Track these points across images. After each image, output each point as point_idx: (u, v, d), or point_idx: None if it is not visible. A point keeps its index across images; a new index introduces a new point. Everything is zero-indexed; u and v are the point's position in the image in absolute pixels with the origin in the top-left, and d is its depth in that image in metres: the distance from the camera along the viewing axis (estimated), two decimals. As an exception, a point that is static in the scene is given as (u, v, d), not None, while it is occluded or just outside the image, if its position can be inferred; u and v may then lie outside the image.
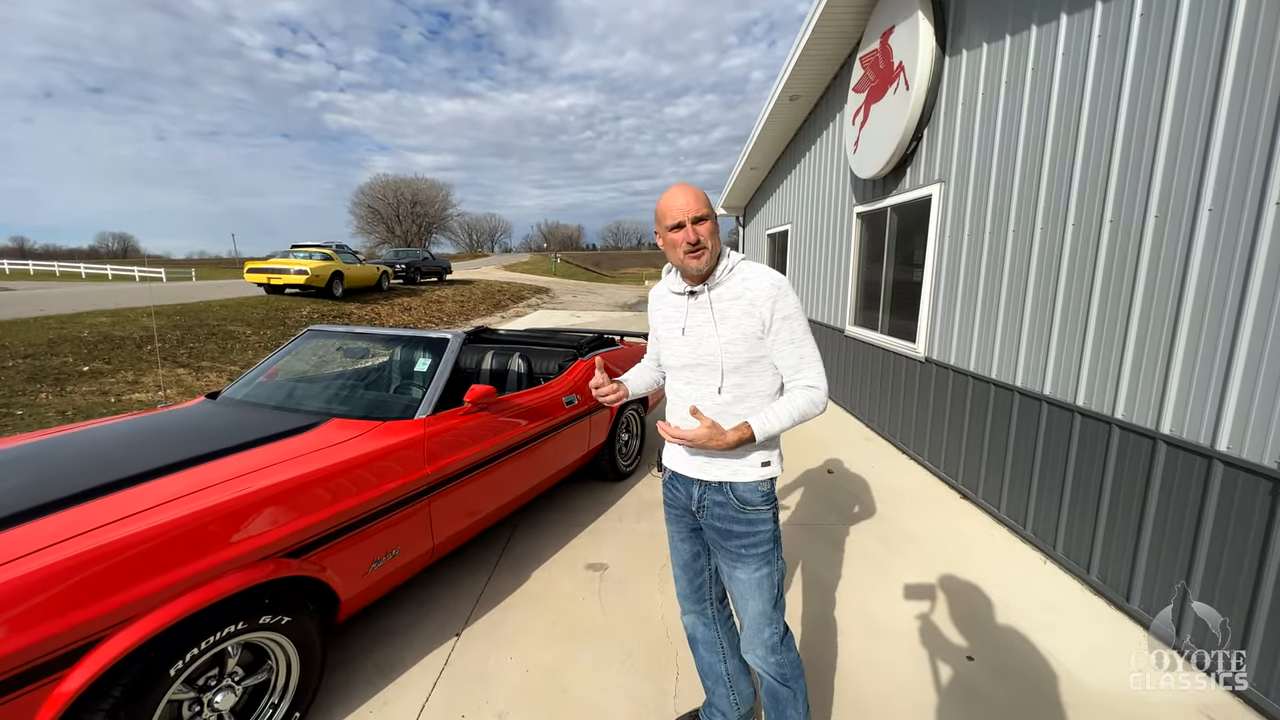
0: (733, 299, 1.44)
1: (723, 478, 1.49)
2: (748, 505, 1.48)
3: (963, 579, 2.74)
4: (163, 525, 1.50)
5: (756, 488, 1.48)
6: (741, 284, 1.44)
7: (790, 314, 1.42)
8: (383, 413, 2.45)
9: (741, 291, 1.44)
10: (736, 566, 1.50)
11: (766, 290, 1.41)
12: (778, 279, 1.44)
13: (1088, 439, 2.66)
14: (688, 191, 1.42)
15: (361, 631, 2.34)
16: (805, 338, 1.44)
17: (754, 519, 1.49)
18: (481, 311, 16.82)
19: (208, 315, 10.37)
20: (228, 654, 1.64)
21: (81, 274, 32.30)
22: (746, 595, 1.51)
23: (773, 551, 1.50)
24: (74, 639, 1.29)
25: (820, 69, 6.01)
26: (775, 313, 1.41)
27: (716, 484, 1.50)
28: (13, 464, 1.93)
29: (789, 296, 1.42)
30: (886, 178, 4.75)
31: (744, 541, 1.49)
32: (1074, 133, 2.72)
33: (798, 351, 1.43)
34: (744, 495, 1.48)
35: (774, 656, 1.52)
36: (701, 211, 1.40)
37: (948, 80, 3.86)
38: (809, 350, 1.44)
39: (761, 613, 1.51)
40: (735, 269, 1.47)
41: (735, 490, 1.48)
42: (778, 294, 1.41)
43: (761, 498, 1.49)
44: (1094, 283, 2.60)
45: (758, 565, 1.49)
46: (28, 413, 5.12)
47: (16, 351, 6.79)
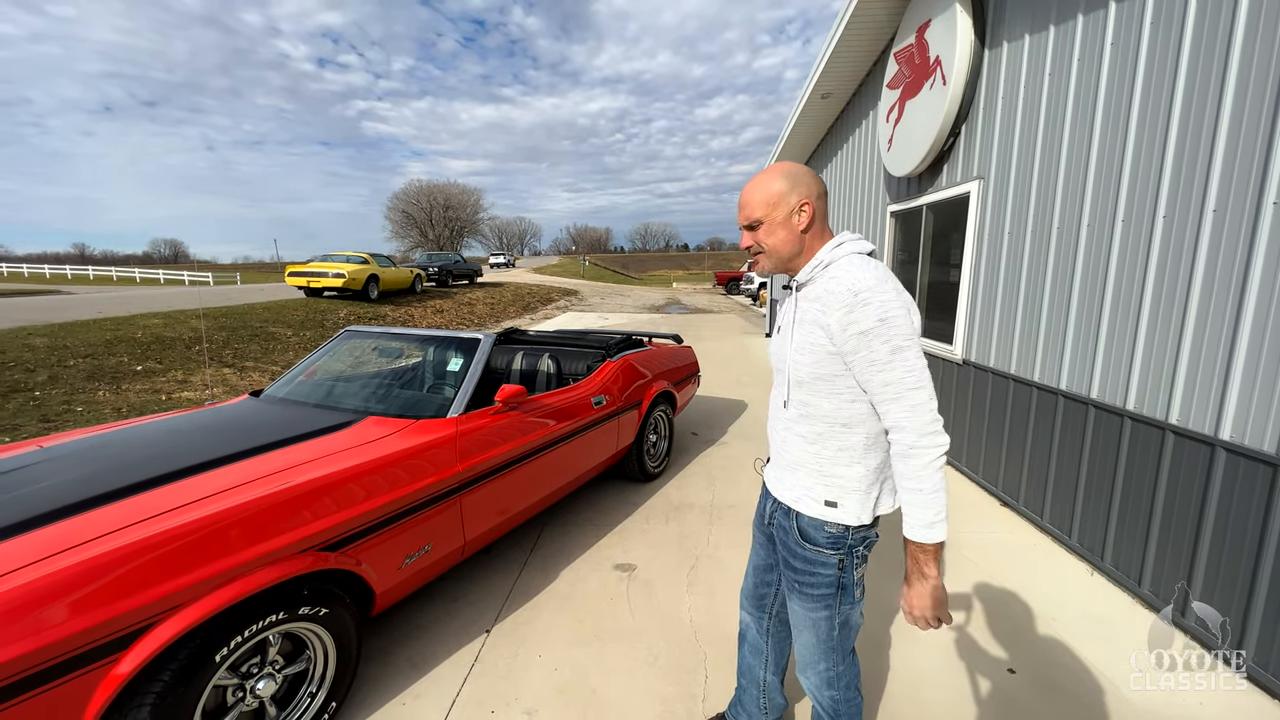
0: (812, 301, 1.24)
1: (788, 500, 1.34)
2: (809, 543, 1.30)
3: (1003, 589, 2.64)
4: (209, 517, 1.56)
5: (822, 526, 1.28)
6: (825, 284, 1.22)
7: (870, 328, 1.13)
8: (416, 411, 2.50)
9: (821, 293, 1.22)
10: (793, 595, 1.37)
11: (840, 295, 1.16)
12: (860, 281, 1.15)
13: (1139, 444, 2.53)
14: (749, 189, 1.26)
15: (395, 625, 2.39)
16: (894, 359, 1.13)
17: (813, 559, 1.30)
18: (511, 313, 17.05)
19: (251, 317, 10.78)
20: (269, 643, 1.69)
21: (136, 278, 34.07)
22: (799, 626, 1.39)
23: (835, 598, 1.30)
24: (128, 624, 1.34)
25: (853, 66, 5.91)
26: (848, 325, 1.14)
27: (785, 507, 1.36)
28: (73, 457, 2.03)
29: (870, 305, 1.12)
30: (922, 175, 4.63)
31: (800, 578, 1.33)
32: (1124, 124, 2.60)
33: (881, 377, 1.14)
34: (806, 530, 1.31)
35: (829, 691, 1.39)
36: (754, 216, 1.25)
37: (987, 74, 3.75)
38: (898, 374, 1.13)
39: (814, 646, 1.36)
40: (831, 265, 1.23)
41: (799, 520, 1.32)
42: (852, 302, 1.13)
43: (827, 540, 1.28)
44: (1146, 280, 2.48)
45: (813, 607, 1.32)
46: (87, 409, 5.41)
47: (77, 352, 7.17)
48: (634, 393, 3.68)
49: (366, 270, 14.31)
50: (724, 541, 3.11)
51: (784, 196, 1.23)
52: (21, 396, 5.51)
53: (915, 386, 1.13)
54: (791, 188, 1.23)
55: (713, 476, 4.07)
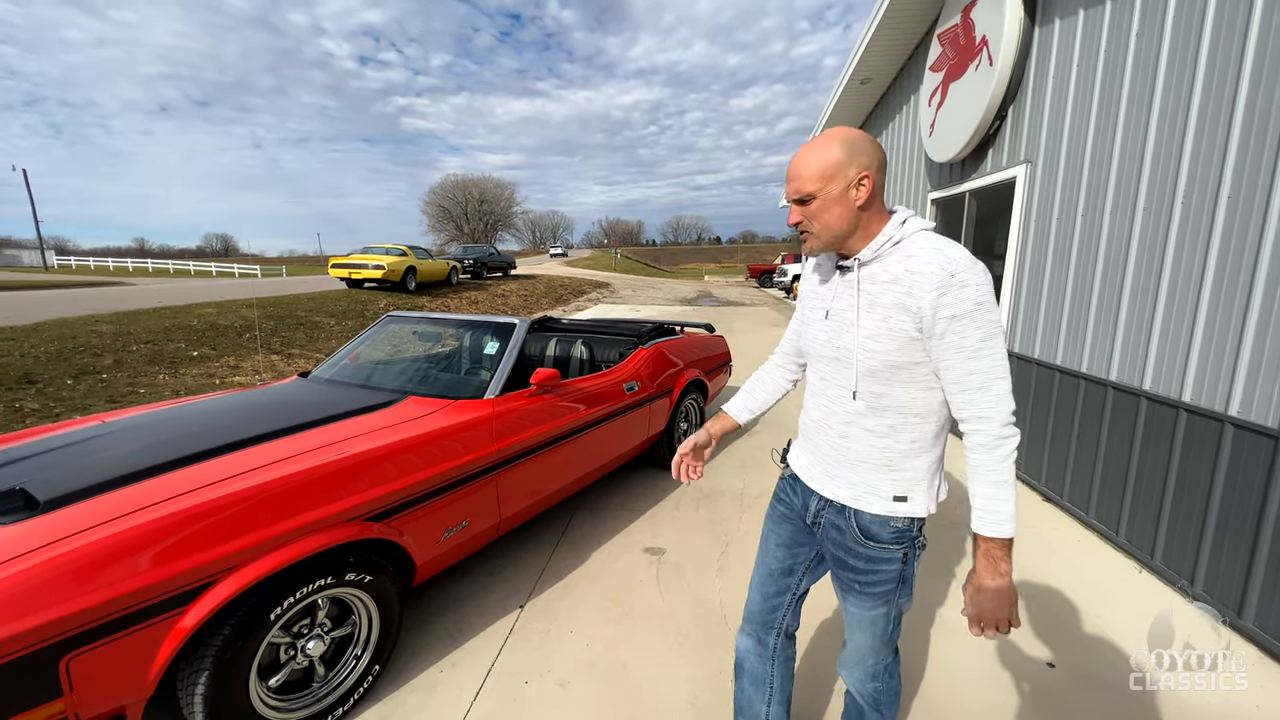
0: (888, 282, 1.11)
1: (844, 499, 1.23)
2: (871, 541, 1.21)
3: (1045, 584, 2.56)
4: (264, 484, 1.65)
5: (887, 523, 1.19)
6: (903, 263, 1.09)
7: (965, 312, 1.03)
8: (454, 392, 2.58)
9: (900, 274, 1.09)
10: (848, 598, 1.29)
11: (933, 276, 1.04)
12: (955, 260, 1.04)
13: (1195, 438, 2.41)
14: (801, 158, 1.12)
15: (435, 598, 2.48)
16: (984, 346, 1.04)
17: (875, 556, 1.21)
18: (544, 305, 17.25)
19: (297, 307, 11.21)
20: (318, 606, 1.78)
21: (190, 271, 35.78)
22: (854, 627, 1.31)
23: (894, 591, 1.23)
24: (190, 580, 1.44)
25: (894, 49, 5.74)
26: (940, 308, 1.04)
27: (838, 505, 1.25)
28: (135, 430, 2.17)
29: (967, 288, 1.03)
30: (965, 161, 4.49)
31: (860, 578, 1.24)
32: (1186, 99, 2.46)
33: (968, 365, 1.06)
34: (868, 527, 1.20)
35: (872, 683, 1.35)
36: (806, 189, 1.11)
37: (1037, 52, 3.60)
38: (987, 363, 1.05)
39: (869, 646, 1.31)
40: (903, 243, 1.11)
41: (859, 519, 1.21)
42: (948, 283, 1.03)
43: (892, 535, 1.20)
44: (1206, 265, 2.36)
45: (873, 605, 1.24)
46: (149, 391, 5.73)
47: (139, 338, 7.60)
48: (665, 380, 3.69)
49: (405, 262, 14.68)
50: (754, 529, 3.11)
51: (842, 168, 1.08)
52: (91, 379, 5.88)
53: (1002, 376, 1.07)
54: (850, 158, 1.08)
55: (744, 465, 4.06)
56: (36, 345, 6.72)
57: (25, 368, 5.88)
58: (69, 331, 7.54)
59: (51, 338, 7.14)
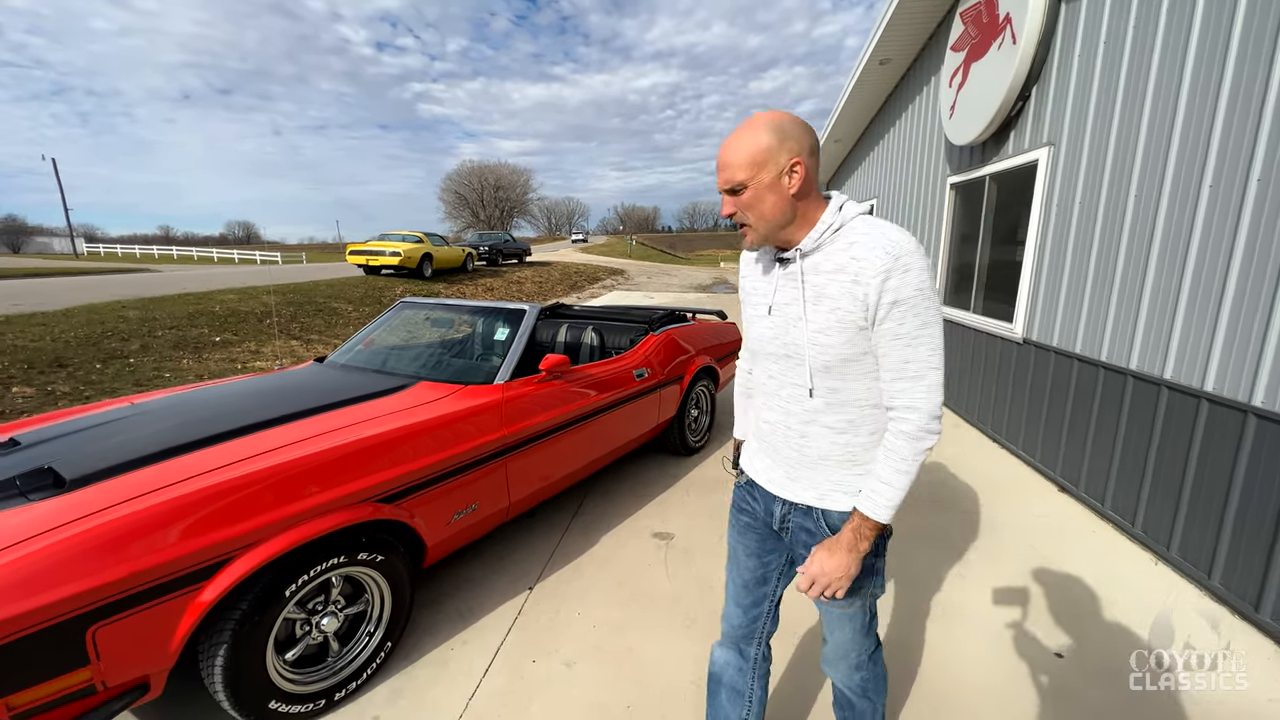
0: (833, 271, 1.06)
1: (810, 501, 1.19)
2: None
3: (1057, 574, 2.54)
4: (279, 466, 1.70)
5: None
6: (847, 251, 1.05)
7: (906, 298, 1.00)
8: (465, 377, 2.61)
9: (846, 262, 1.05)
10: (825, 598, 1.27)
11: (877, 261, 1.00)
12: (898, 245, 1.01)
13: (1216, 428, 2.36)
14: (729, 145, 1.06)
15: (446, 578, 2.53)
16: (922, 333, 1.02)
17: None
18: (559, 291, 17.28)
19: (315, 294, 11.38)
20: (331, 584, 1.84)
21: (214, 258, 36.46)
22: (832, 625, 1.31)
23: (868, 584, 1.21)
24: (209, 556, 1.49)
25: (915, 28, 5.59)
26: (885, 293, 1.01)
27: (804, 507, 1.21)
28: (159, 412, 2.24)
29: (910, 272, 1.00)
30: (986, 143, 4.37)
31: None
32: (1218, 79, 2.37)
33: (904, 352, 1.03)
34: (838, 526, 1.17)
35: (858, 674, 1.35)
36: (737, 179, 1.05)
37: (1063, 29, 3.48)
38: (923, 352, 1.03)
39: (849, 641, 1.31)
40: (843, 229, 1.07)
41: (828, 519, 1.18)
42: (893, 266, 1.00)
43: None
44: (1233, 251, 2.28)
45: (849, 601, 1.22)
46: (174, 375, 5.89)
47: (164, 324, 7.79)
48: (676, 367, 3.69)
49: (421, 249, 14.80)
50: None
51: (773, 154, 1.03)
52: (119, 363, 6.06)
53: (937, 366, 1.04)
54: (781, 143, 1.03)
55: (754, 453, 4.06)
56: (67, 330, 6.93)
57: (56, 352, 6.07)
58: (97, 317, 7.76)
59: (81, 323, 7.35)
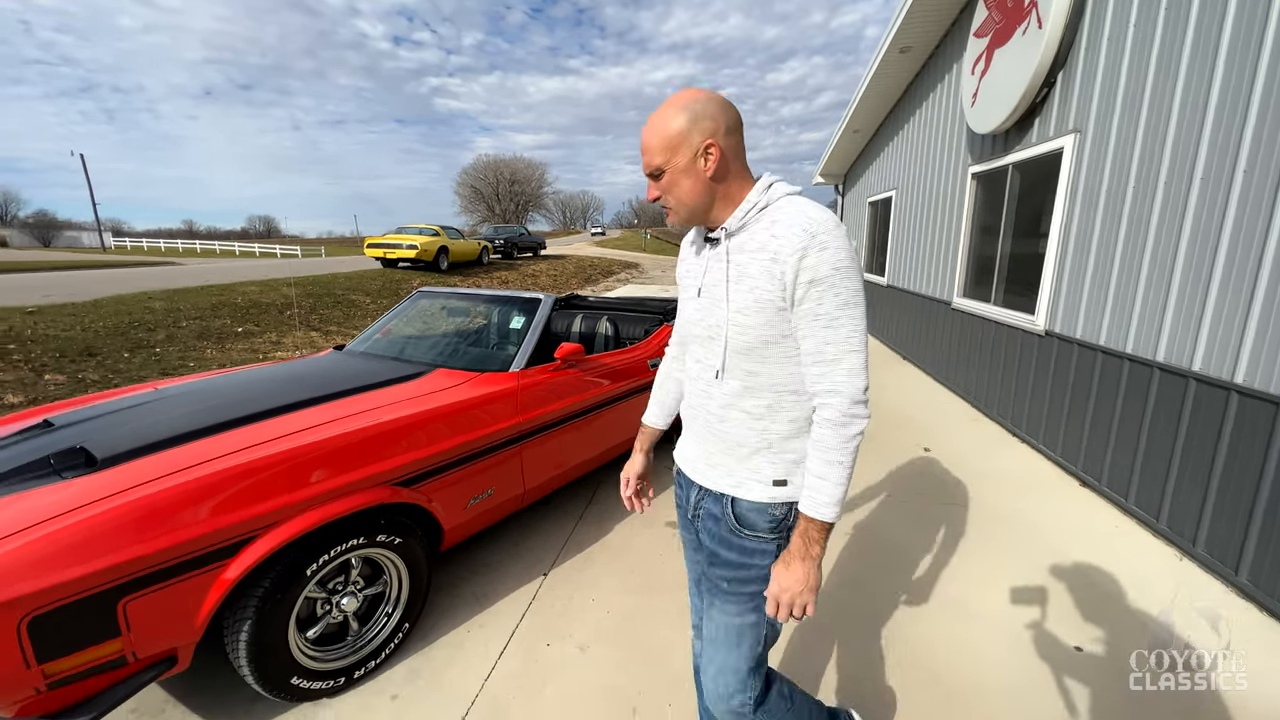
0: (755, 250, 1.03)
1: (723, 488, 1.14)
2: (747, 530, 1.12)
3: (1078, 569, 2.50)
4: (300, 448, 1.73)
5: (766, 510, 1.10)
6: (769, 229, 1.01)
7: (823, 276, 0.96)
8: (481, 365, 2.63)
9: (766, 240, 1.01)
10: (715, 602, 1.17)
11: (794, 239, 0.97)
12: (816, 222, 0.97)
13: (1246, 422, 2.30)
14: (646, 128, 1.04)
15: (463, 562, 2.57)
16: (841, 314, 0.98)
17: (750, 548, 1.12)
18: (573, 285, 17.32)
19: (334, 286, 11.55)
20: (351, 565, 1.88)
21: (235, 251, 37.17)
22: (717, 640, 1.16)
23: (764, 594, 1.10)
24: (232, 535, 1.53)
25: (936, 15, 5.48)
26: (801, 271, 0.96)
27: (716, 494, 1.16)
28: (183, 397, 2.29)
29: (827, 249, 0.96)
30: (1009, 132, 4.28)
31: (731, 574, 1.14)
32: (1253, 62, 2.29)
33: (823, 334, 0.99)
34: (745, 515, 1.12)
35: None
36: (654, 163, 1.03)
37: (1091, 12, 3.39)
38: (843, 333, 0.98)
39: (732, 669, 1.14)
40: (769, 209, 1.04)
41: (735, 506, 1.13)
42: (809, 244, 0.95)
43: (769, 524, 1.11)
44: (1267, 241, 2.21)
45: (741, 609, 1.13)
46: (197, 364, 6.02)
47: (189, 314, 7.97)
48: (690, 358, 3.68)
49: (437, 242, 14.94)
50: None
51: (685, 137, 1.01)
52: (145, 352, 6.21)
53: (857, 349, 1.00)
54: (693, 123, 1.00)
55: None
56: (96, 320, 7.12)
57: (86, 341, 6.24)
58: (125, 308, 7.96)
59: (109, 313, 7.54)
